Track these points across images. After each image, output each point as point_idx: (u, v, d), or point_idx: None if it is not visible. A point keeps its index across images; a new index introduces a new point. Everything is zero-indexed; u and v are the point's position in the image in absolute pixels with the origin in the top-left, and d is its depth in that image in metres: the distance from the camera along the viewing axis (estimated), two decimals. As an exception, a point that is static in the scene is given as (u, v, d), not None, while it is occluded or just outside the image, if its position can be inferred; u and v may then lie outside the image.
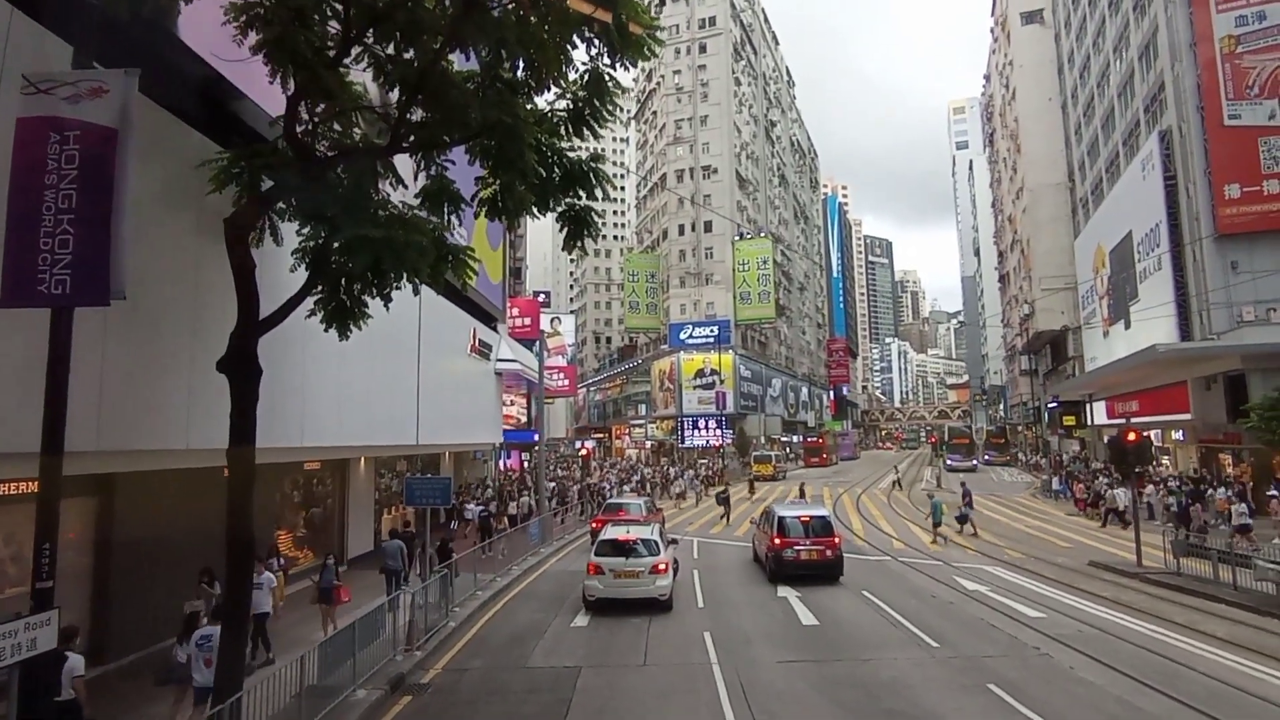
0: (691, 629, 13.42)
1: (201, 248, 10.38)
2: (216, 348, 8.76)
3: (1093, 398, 50.51)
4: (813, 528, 17.51)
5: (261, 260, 11.12)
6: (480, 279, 28.92)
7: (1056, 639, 12.27)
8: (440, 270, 10.43)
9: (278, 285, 10.07)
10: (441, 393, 23.34)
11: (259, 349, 8.99)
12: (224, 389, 8.59)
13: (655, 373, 79.23)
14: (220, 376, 8.64)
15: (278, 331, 11.54)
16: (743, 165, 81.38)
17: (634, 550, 15.13)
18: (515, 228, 76.87)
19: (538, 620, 14.31)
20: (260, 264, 11.23)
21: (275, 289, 9.93)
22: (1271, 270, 32.98)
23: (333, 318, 10.15)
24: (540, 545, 22.93)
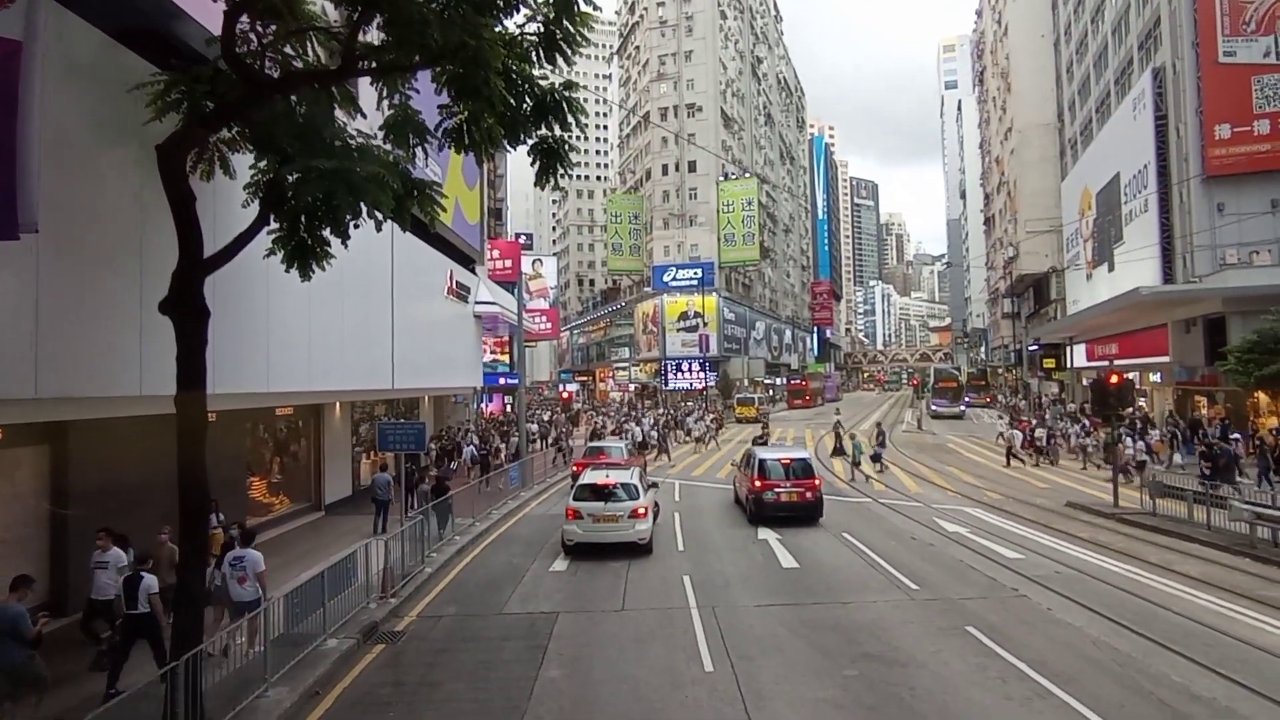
0: (671, 573, 13.34)
1: (146, 181, 9.71)
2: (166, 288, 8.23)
3: (1073, 340, 50.76)
4: (794, 470, 17.42)
5: (215, 196, 10.51)
6: (457, 219, 28.12)
7: (1034, 580, 12.29)
8: (405, 206, 9.87)
9: (233, 222, 9.50)
10: (417, 335, 22.83)
11: (218, 289, 8.46)
12: (181, 332, 8.10)
13: (639, 315, 78.77)
14: (175, 319, 8.13)
15: (239, 271, 11.01)
16: (728, 103, 79.50)
17: (613, 494, 14.95)
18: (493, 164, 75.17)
19: (515, 565, 14.18)
20: (214, 200, 10.63)
21: (231, 226, 9.36)
22: (1258, 212, 32.80)
23: (293, 257, 9.58)
24: (520, 489, 22.80)
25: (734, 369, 73.29)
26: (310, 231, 9.51)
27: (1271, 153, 33.30)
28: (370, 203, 8.70)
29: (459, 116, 9.90)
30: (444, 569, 13.88)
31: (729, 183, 75.47)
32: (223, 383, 11.94)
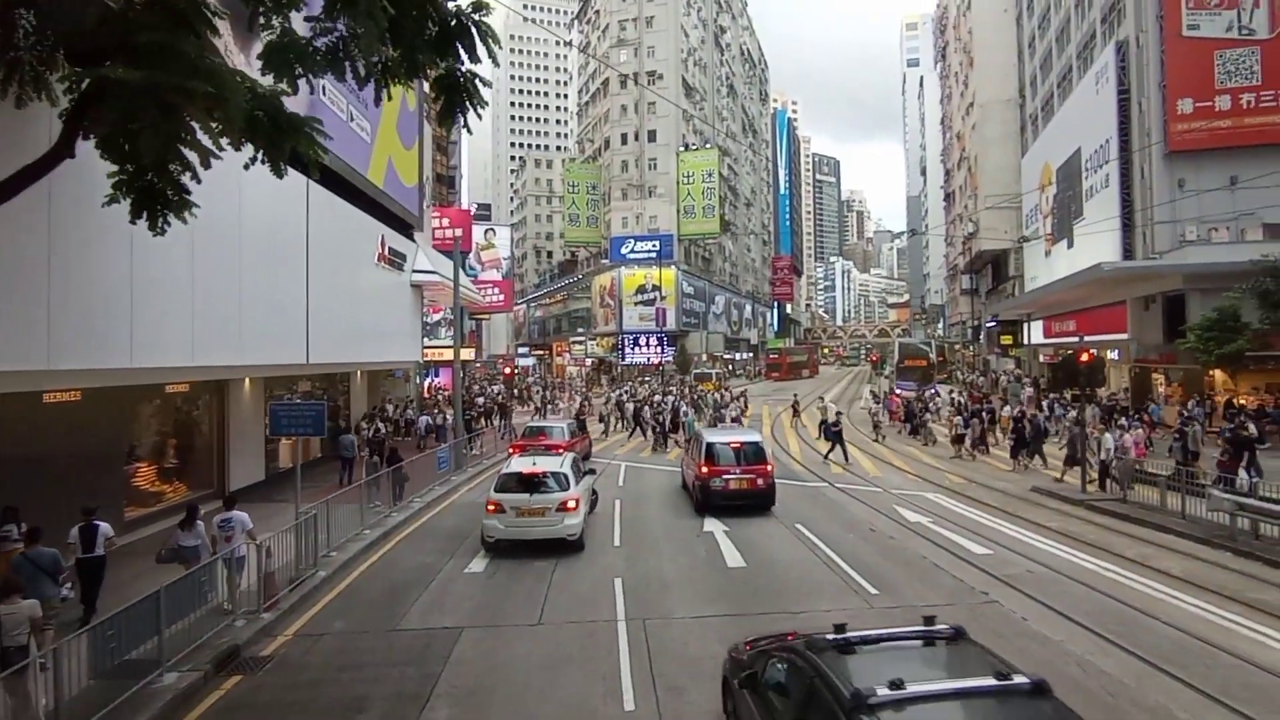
0: (602, 574, 11.81)
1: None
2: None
3: (1031, 317, 50.31)
4: (745, 454, 15.98)
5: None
6: (390, 181, 25.98)
7: (1005, 581, 11.04)
8: (279, 144, 8.03)
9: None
10: (340, 305, 20.80)
11: (54, 245, 6.55)
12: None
13: (596, 288, 76.94)
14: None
15: (88, 224, 9.11)
16: (690, 72, 77.37)
17: (541, 485, 13.33)
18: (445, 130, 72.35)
19: (427, 565, 12.50)
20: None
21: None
22: (1218, 188, 32.26)
23: (140, 205, 7.66)
24: (451, 473, 21.05)
25: (693, 344, 71.99)
26: (159, 172, 7.61)
27: (1232, 129, 32.76)
28: (201, 129, 6.87)
29: (333, 35, 8.14)
30: (343, 571, 12.14)
31: (689, 153, 73.64)
32: (64, 356, 10.00)
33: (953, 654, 5.11)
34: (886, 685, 4.24)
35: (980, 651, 5.07)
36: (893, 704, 4.15)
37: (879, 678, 4.34)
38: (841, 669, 4.74)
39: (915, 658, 5.16)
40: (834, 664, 4.85)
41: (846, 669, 4.74)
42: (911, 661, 5.05)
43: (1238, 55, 32.75)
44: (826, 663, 4.86)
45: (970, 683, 4.49)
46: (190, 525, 10.22)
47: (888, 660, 4.93)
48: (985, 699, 4.34)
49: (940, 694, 4.35)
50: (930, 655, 5.20)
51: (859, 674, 4.58)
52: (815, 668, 4.88)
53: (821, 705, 4.57)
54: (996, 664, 4.74)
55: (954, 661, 5.04)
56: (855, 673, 4.63)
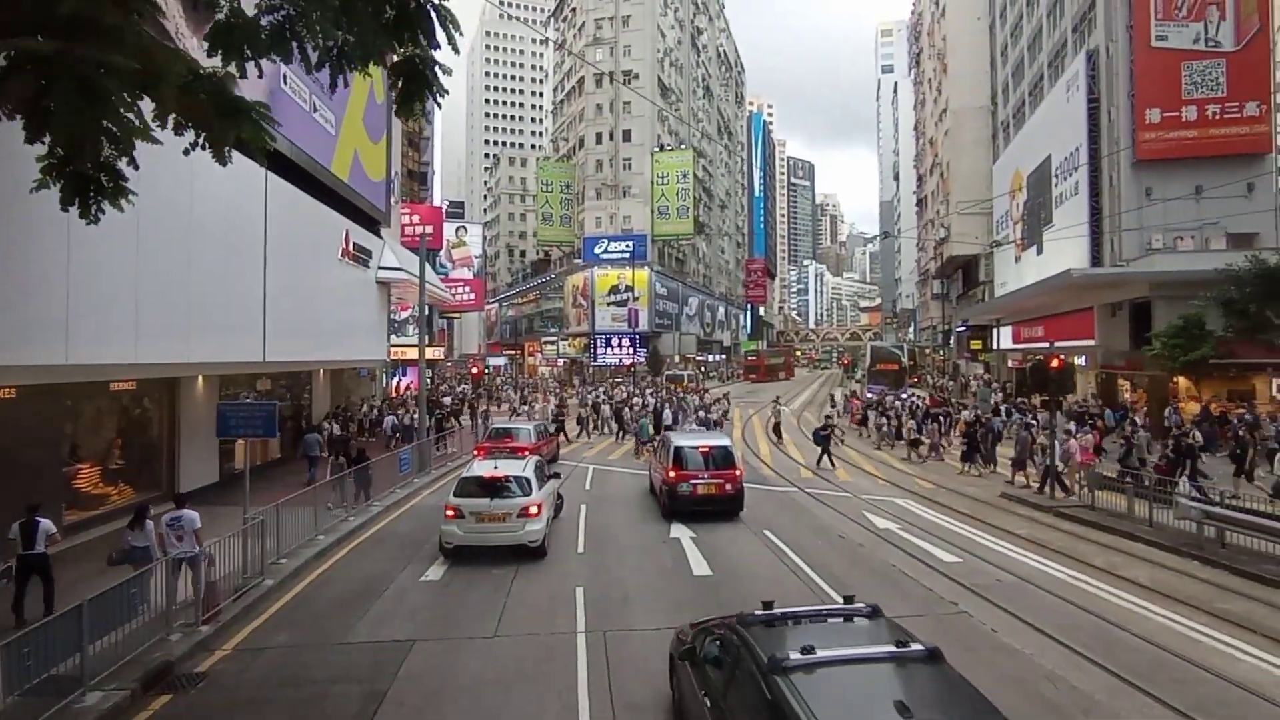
0: (563, 583, 11.41)
1: None
2: None
3: (1000, 322, 50.83)
4: (714, 459, 15.67)
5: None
6: (355, 175, 25.32)
7: (975, 591, 10.84)
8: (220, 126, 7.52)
9: None
10: (301, 302, 20.15)
11: None
12: None
13: (569, 288, 76.40)
14: None
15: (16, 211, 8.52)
16: (666, 72, 77.13)
17: (502, 489, 12.90)
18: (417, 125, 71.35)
19: (381, 573, 12.00)
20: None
21: None
22: (1184, 197, 32.70)
23: (71, 191, 7.10)
24: (414, 475, 20.50)
25: (665, 345, 71.68)
26: (90, 157, 7.07)
27: (1198, 139, 33.26)
28: (125, 109, 6.36)
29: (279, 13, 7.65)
30: (293, 579, 11.60)
31: (664, 154, 73.38)
32: (0, 353, 9.43)
33: (865, 628, 5.71)
34: (799, 651, 4.88)
35: (890, 626, 5.63)
36: (803, 667, 4.79)
37: (795, 646, 4.97)
38: (765, 639, 5.35)
39: (831, 630, 5.78)
40: (759, 636, 5.46)
41: (769, 639, 5.36)
42: (827, 633, 5.68)
43: (1204, 67, 33.26)
44: (753, 635, 5.47)
45: (872, 649, 5.15)
46: (140, 525, 9.96)
47: (806, 633, 5.57)
48: (884, 663, 4.99)
49: (844, 659, 4.97)
50: (845, 628, 5.79)
51: (780, 643, 5.18)
52: (743, 639, 5.48)
53: (745, 670, 5.18)
54: (900, 635, 5.33)
55: (864, 633, 5.62)
56: (776, 642, 5.23)
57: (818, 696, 4.51)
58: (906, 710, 4.33)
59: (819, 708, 4.39)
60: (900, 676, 4.90)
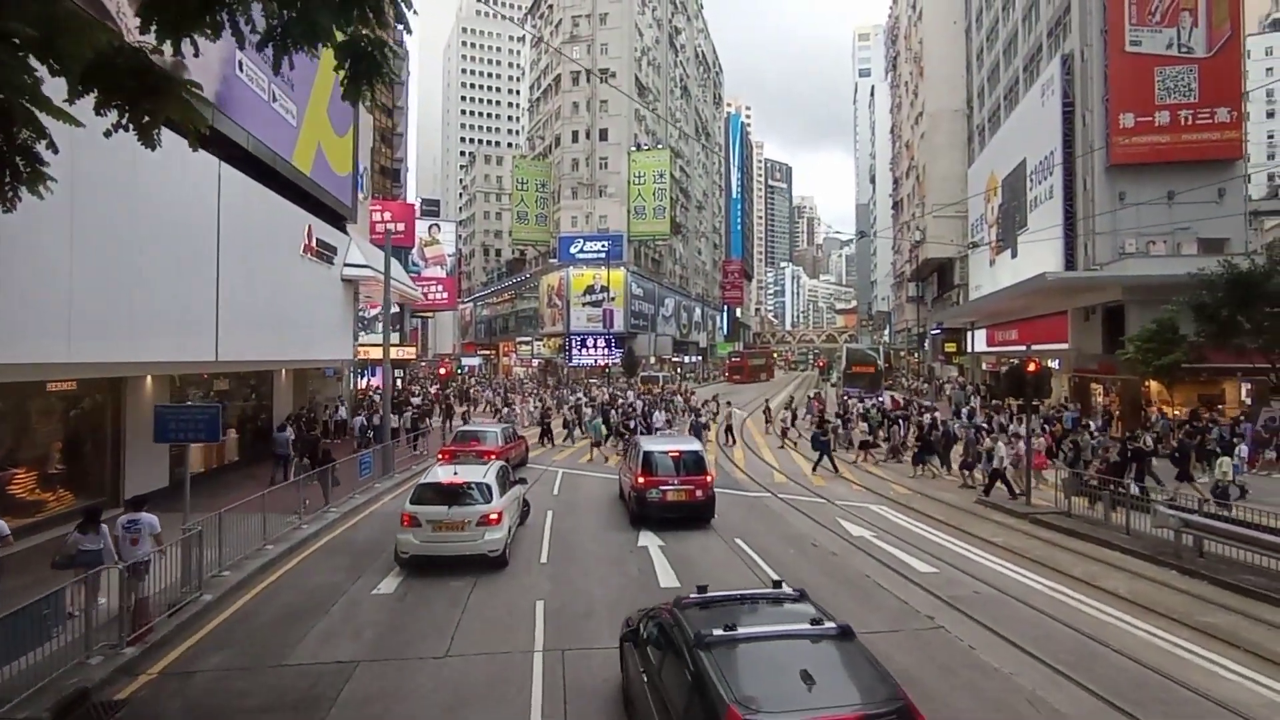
0: (523, 595, 10.85)
1: None
2: None
3: (975, 325, 51.02)
4: (684, 464, 15.17)
5: None
6: (319, 168, 24.49)
7: (951, 603, 10.44)
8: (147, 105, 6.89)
9: None
10: (259, 298, 19.36)
11: None
12: None
13: (544, 288, 75.63)
14: None
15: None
16: (643, 71, 76.68)
17: (461, 496, 12.31)
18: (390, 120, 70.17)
19: (332, 585, 11.34)
20: None
21: None
22: (1157, 202, 32.84)
23: None
24: (376, 480, 19.78)
25: (640, 346, 71.23)
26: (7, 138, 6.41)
27: (1170, 144, 33.42)
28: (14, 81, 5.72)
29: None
30: (235, 593, 10.90)
31: (641, 153, 72.92)
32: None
33: (788, 609, 6.20)
34: (722, 628, 5.43)
35: (812, 608, 6.07)
36: (725, 642, 5.33)
37: (721, 624, 5.52)
38: (696, 620, 5.81)
39: (758, 611, 6.30)
40: (692, 616, 5.94)
41: (701, 620, 5.80)
42: (753, 614, 6.21)
43: (1177, 72, 33.44)
44: (687, 616, 5.95)
45: (789, 627, 5.70)
46: (91, 528, 9.40)
47: (734, 613, 6.01)
48: (799, 639, 5.53)
49: (762, 635, 5.56)
50: (771, 610, 6.30)
51: (709, 623, 5.64)
52: (677, 620, 5.98)
53: (676, 647, 5.68)
54: (817, 615, 5.81)
55: (786, 614, 6.10)
56: (706, 622, 5.68)
57: (735, 667, 5.09)
58: (810, 678, 4.96)
59: (734, 677, 4.97)
60: (811, 650, 5.40)
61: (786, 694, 4.86)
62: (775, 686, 4.95)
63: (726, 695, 4.75)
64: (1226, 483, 15.62)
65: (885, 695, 4.86)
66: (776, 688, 4.94)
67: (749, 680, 4.95)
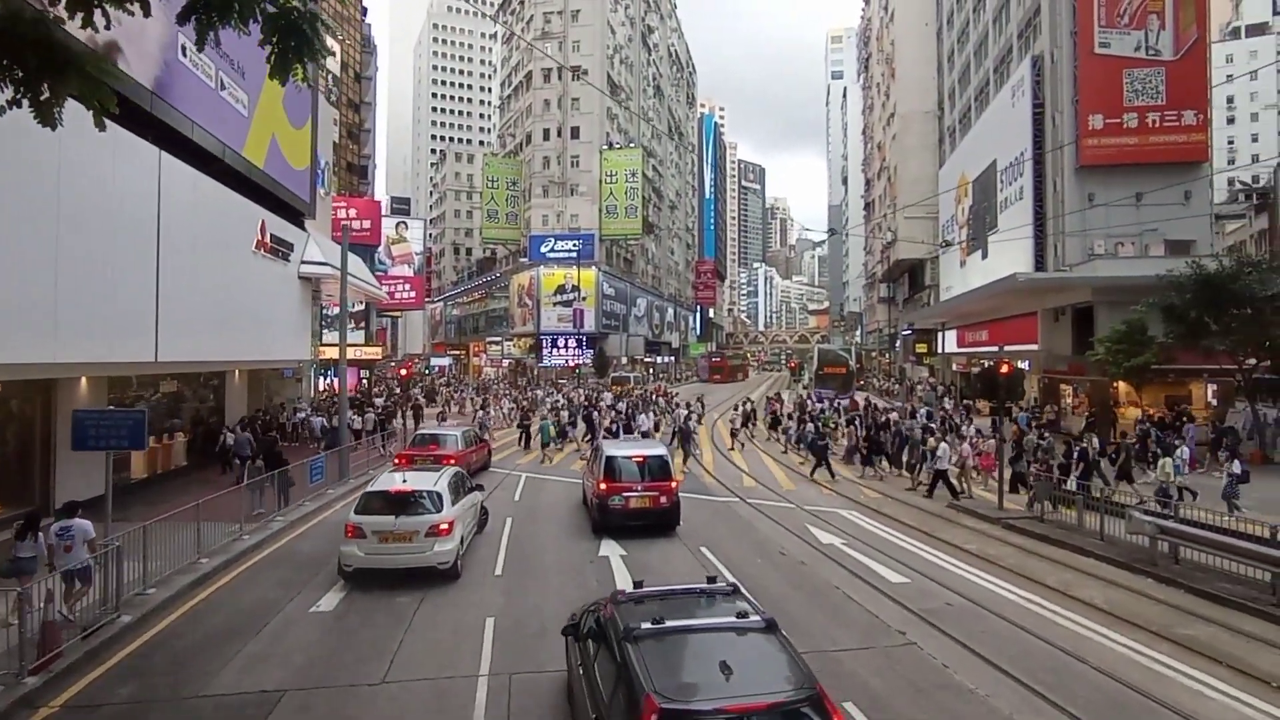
0: (473, 612, 10.18)
1: None
2: None
3: (945, 326, 51.09)
4: (649, 469, 14.57)
5: None
6: (273, 161, 23.54)
7: (924, 617, 9.96)
8: (46, 82, 6.17)
9: None
10: (204, 296, 18.41)
11: None
12: None
13: (514, 287, 74.68)
14: None
15: None
16: (615, 69, 76.04)
17: (410, 505, 11.61)
18: (358, 116, 68.85)
19: (267, 603, 10.57)
20: None
21: None
22: (1125, 204, 32.92)
23: None
24: (329, 485, 18.92)
25: (612, 346, 70.54)
26: None
27: (1138, 146, 33.53)
28: None
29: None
30: (158, 613, 10.07)
31: (613, 152, 72.26)
32: None
33: (719, 603, 6.34)
34: (650, 621, 5.61)
35: (743, 603, 6.26)
36: (652, 634, 5.51)
37: (650, 618, 5.68)
38: (630, 613, 5.94)
39: (689, 606, 6.34)
40: (625, 610, 6.09)
41: (634, 613, 5.93)
42: (684, 608, 6.23)
43: (1145, 75, 33.55)
44: (622, 610, 6.10)
45: (716, 620, 5.90)
46: (29, 535, 9.44)
47: (667, 607, 6.07)
48: (724, 632, 5.72)
49: (688, 628, 5.74)
50: (702, 604, 6.41)
51: (641, 616, 5.80)
52: (611, 613, 6.16)
53: (609, 638, 5.88)
54: (744, 608, 5.98)
55: (715, 608, 6.26)
56: (638, 616, 5.82)
57: (659, 659, 5.28)
58: (729, 669, 5.15)
59: (657, 667, 5.16)
60: (734, 643, 5.58)
61: (704, 683, 5.12)
62: (695, 676, 5.24)
63: (646, 685, 4.95)
64: (1169, 484, 15.55)
65: (798, 684, 5.07)
66: (696, 677, 5.22)
67: (670, 670, 5.19)
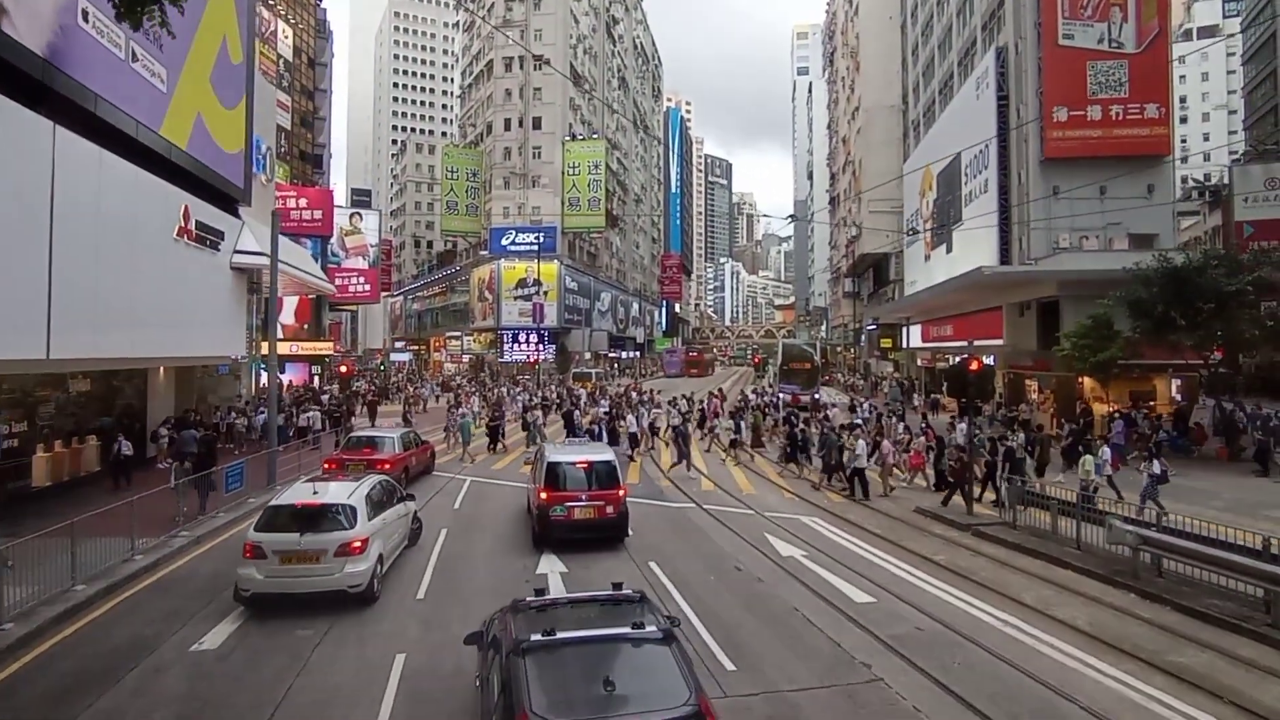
0: (383, 646, 8.87)
1: None
2: None
3: (910, 321, 50.69)
4: (595, 476, 13.34)
5: None
6: (199, 143, 21.81)
7: (891, 645, 8.89)
8: None
9: None
10: (112, 286, 16.74)
11: None
12: None
13: (475, 281, 72.86)
14: None
15: None
16: (579, 60, 74.48)
17: (319, 521, 10.26)
18: (311, 103, 66.52)
19: (143, 639, 9.12)
20: None
21: None
22: (1089, 197, 32.52)
23: None
24: (253, 493, 17.31)
25: (574, 341, 69.16)
26: None
27: (1102, 139, 33.21)
28: None
29: None
30: (7, 656, 8.60)
31: (576, 143, 70.77)
32: None
33: (620, 611, 6.04)
34: (541, 633, 5.36)
35: (645, 609, 5.97)
36: (543, 647, 5.28)
37: (544, 628, 5.42)
38: (527, 623, 5.64)
39: (590, 615, 6.11)
40: (524, 619, 5.78)
41: (532, 623, 5.62)
42: (583, 618, 5.99)
43: (1108, 67, 33.21)
44: (519, 620, 5.78)
45: (611, 630, 5.60)
46: None
47: (565, 617, 5.91)
48: (619, 642, 5.49)
49: (581, 639, 5.48)
50: (604, 613, 6.14)
51: (539, 625, 5.49)
52: (507, 623, 5.84)
53: (503, 649, 5.54)
54: (642, 619, 5.68)
55: (617, 616, 5.91)
56: (538, 625, 5.52)
57: (544, 673, 5.07)
58: (611, 684, 4.98)
59: (539, 683, 4.97)
60: (627, 655, 5.37)
61: (583, 701, 4.97)
62: (576, 693, 5.05)
63: (524, 702, 4.82)
64: (1088, 482, 15.25)
65: (681, 701, 4.93)
66: (576, 694, 5.04)
67: (553, 686, 5.01)
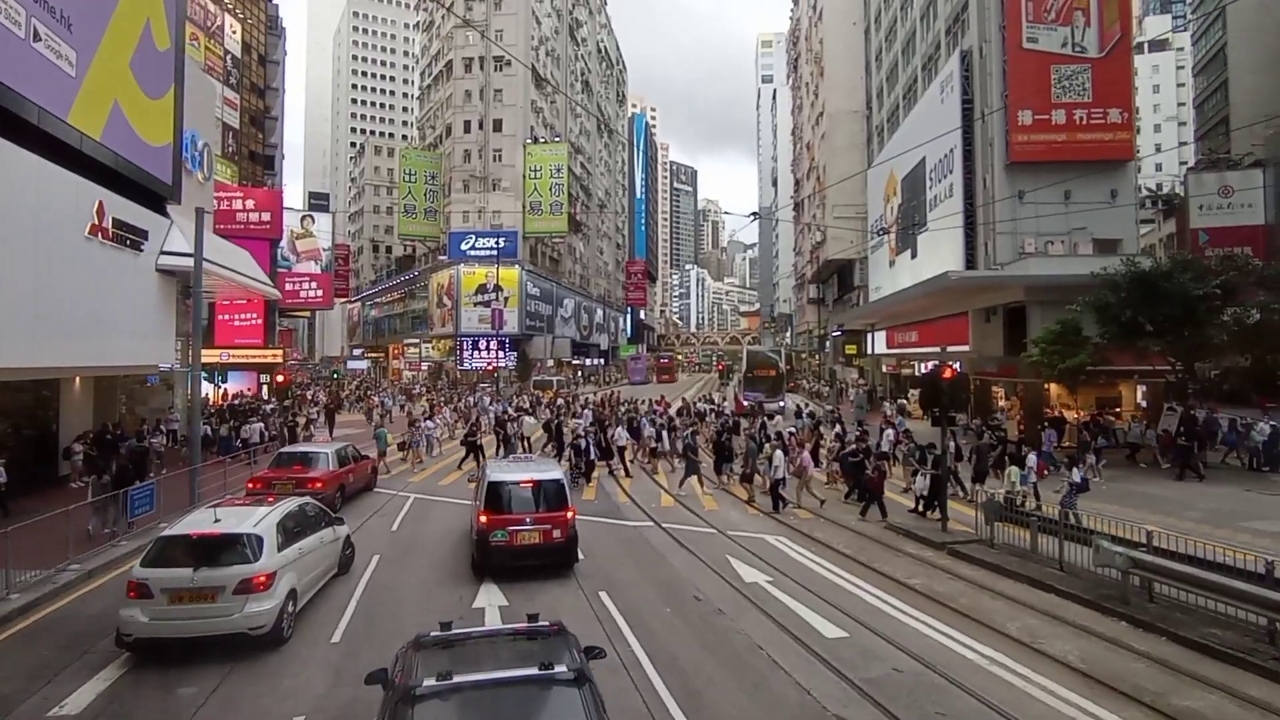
0: (281, 705, 7.56)
1: None
2: None
3: (875, 327, 50.30)
4: (541, 496, 12.10)
5: None
6: (117, 133, 20.07)
7: (865, 690, 7.84)
8: None
9: None
10: (12, 289, 15.18)
11: None
12: None
13: (434, 286, 71.07)
14: None
15: None
16: (541, 62, 73.27)
17: (217, 553, 8.94)
18: (262, 102, 64.30)
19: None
20: None
21: None
22: (1054, 201, 32.26)
23: None
24: (164, 517, 15.67)
25: (536, 348, 67.70)
26: None
27: (1066, 143, 32.99)
28: None
29: None
30: None
31: (537, 146, 69.48)
32: None
33: (533, 648, 5.56)
34: (435, 677, 4.79)
35: (561, 645, 5.40)
36: (436, 693, 4.70)
37: (441, 671, 4.87)
38: (429, 662, 5.12)
39: (497, 653, 5.60)
40: (425, 658, 5.22)
41: (433, 662, 5.12)
42: (489, 656, 5.48)
43: (1072, 71, 33.03)
44: (420, 658, 5.24)
45: (517, 672, 5.01)
46: None
47: (469, 656, 5.46)
48: (525, 685, 4.92)
49: (479, 683, 4.88)
50: (514, 650, 5.69)
51: (436, 667, 4.96)
52: (407, 663, 5.24)
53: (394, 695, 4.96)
54: (553, 657, 5.06)
55: (526, 654, 5.37)
56: (439, 665, 5.00)
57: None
58: None
59: None
60: (532, 700, 4.90)
61: None
62: None
63: None
64: (1014, 492, 14.80)
65: None
66: None
67: None
